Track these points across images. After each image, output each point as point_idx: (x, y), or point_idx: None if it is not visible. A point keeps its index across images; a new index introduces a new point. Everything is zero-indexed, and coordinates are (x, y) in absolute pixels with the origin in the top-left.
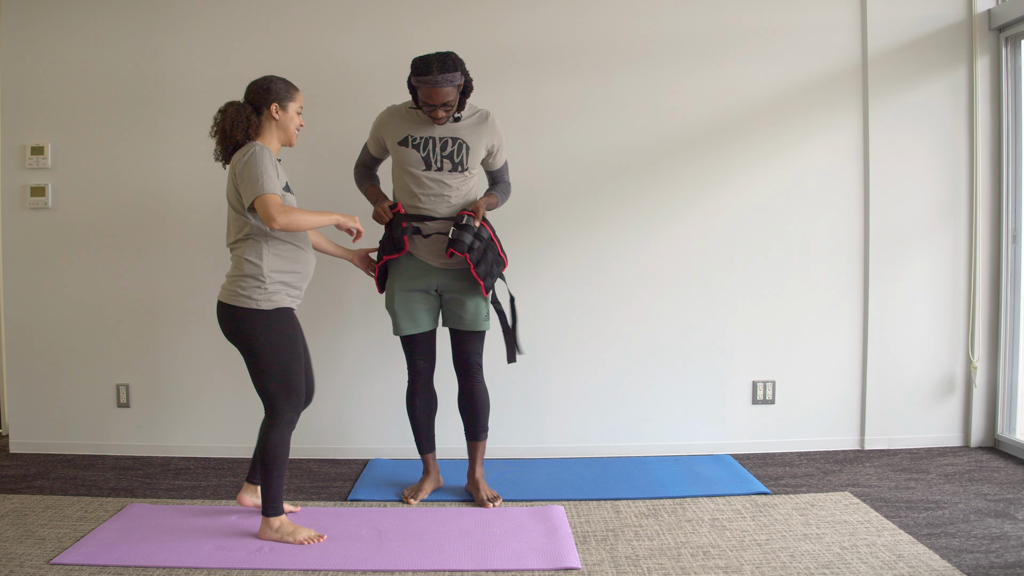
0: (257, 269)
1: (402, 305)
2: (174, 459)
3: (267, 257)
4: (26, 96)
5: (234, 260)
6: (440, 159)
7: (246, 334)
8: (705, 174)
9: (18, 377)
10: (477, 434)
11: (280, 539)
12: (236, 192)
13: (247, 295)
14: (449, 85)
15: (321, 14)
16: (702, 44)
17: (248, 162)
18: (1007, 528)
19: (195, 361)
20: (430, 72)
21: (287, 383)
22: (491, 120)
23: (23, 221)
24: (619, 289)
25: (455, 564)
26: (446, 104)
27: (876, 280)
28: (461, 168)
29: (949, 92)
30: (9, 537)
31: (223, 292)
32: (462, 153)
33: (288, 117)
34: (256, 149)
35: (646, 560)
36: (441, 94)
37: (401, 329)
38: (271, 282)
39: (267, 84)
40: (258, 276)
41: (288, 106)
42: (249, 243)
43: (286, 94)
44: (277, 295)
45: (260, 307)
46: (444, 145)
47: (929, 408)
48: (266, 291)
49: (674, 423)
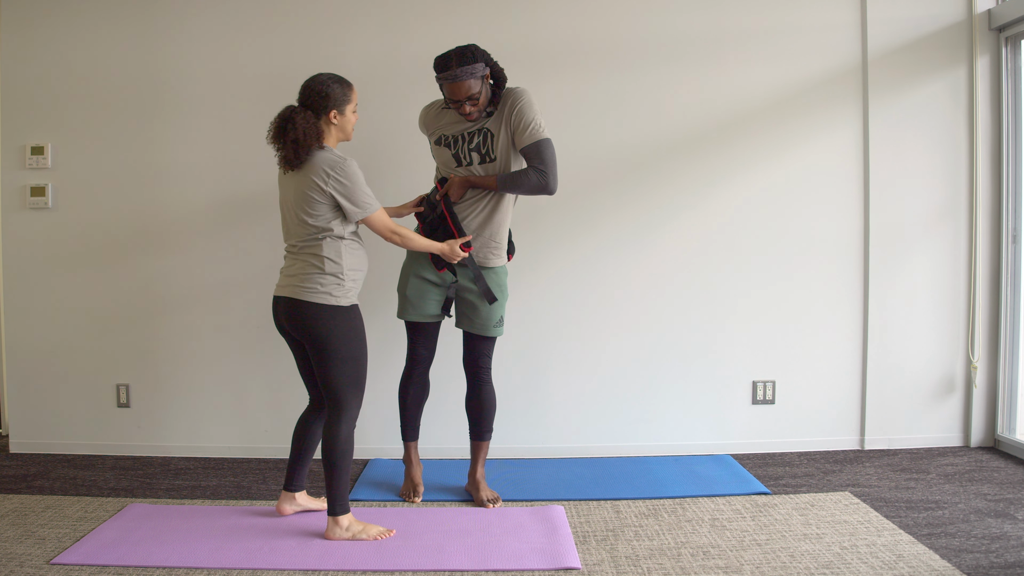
0: (338, 267)
1: (413, 290)
2: (174, 459)
3: (346, 255)
4: (26, 96)
5: (305, 258)
6: (468, 153)
7: (324, 330)
8: (705, 174)
9: (18, 377)
10: (481, 434)
11: (352, 537)
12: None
13: (327, 291)
14: (470, 78)
15: (322, 14)
16: (702, 44)
17: (350, 179)
18: (1007, 528)
19: (195, 361)
20: (449, 67)
21: (357, 378)
22: (514, 97)
23: (23, 221)
24: (619, 289)
25: (455, 564)
26: (471, 98)
27: (876, 280)
28: (489, 158)
29: (949, 92)
30: (9, 537)
31: (294, 289)
32: (488, 143)
33: (346, 120)
34: (350, 165)
35: (646, 560)
36: (463, 88)
37: (407, 314)
38: (349, 279)
39: (325, 91)
40: (338, 274)
41: (345, 109)
42: (327, 242)
43: (343, 98)
44: (352, 292)
45: (339, 303)
46: (471, 138)
47: (929, 408)
48: (344, 288)
49: (674, 423)
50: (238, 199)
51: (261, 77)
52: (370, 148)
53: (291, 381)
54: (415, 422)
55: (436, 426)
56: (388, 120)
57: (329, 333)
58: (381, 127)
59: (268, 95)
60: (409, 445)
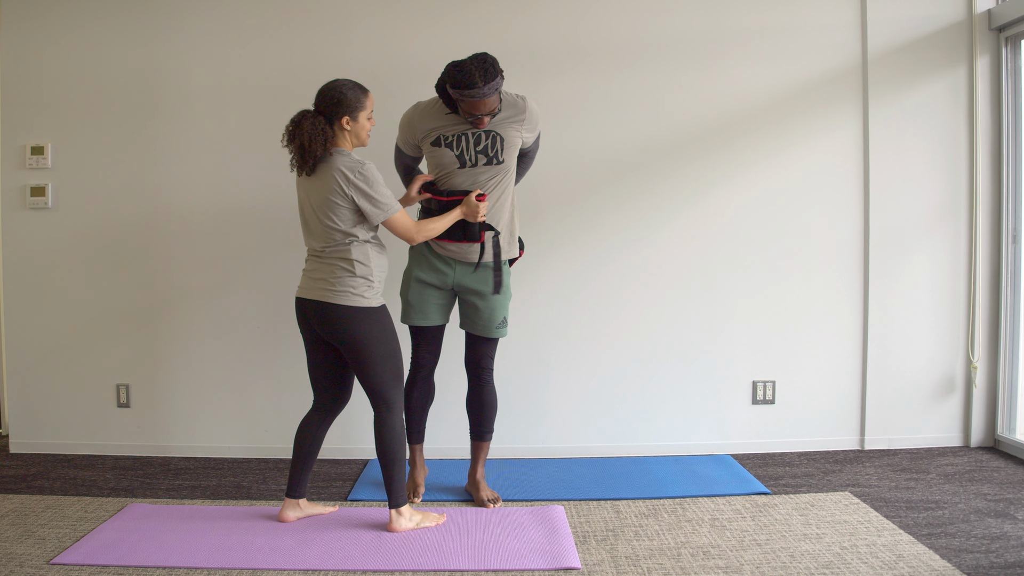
0: (367, 270)
1: (416, 295)
2: (174, 459)
3: (373, 257)
4: (26, 96)
5: (333, 262)
6: (475, 155)
7: (360, 331)
8: (705, 174)
9: (18, 377)
10: (482, 435)
11: (416, 526)
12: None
13: (359, 294)
14: (495, 93)
15: (322, 15)
16: (702, 44)
17: (368, 183)
18: (1007, 528)
19: (195, 361)
20: (474, 85)
21: (397, 374)
22: (529, 109)
23: (23, 221)
24: (619, 289)
25: (455, 564)
26: (492, 111)
27: (876, 280)
28: (496, 161)
29: (949, 92)
30: (9, 537)
31: (325, 293)
32: (496, 146)
33: (359, 126)
34: (368, 169)
35: (646, 560)
36: (488, 104)
37: (411, 319)
38: (377, 280)
39: (338, 96)
40: (368, 276)
41: (359, 116)
42: (355, 246)
43: (356, 104)
44: (379, 291)
45: (371, 304)
46: (478, 140)
47: (929, 408)
48: (373, 289)
49: (674, 423)
50: (238, 199)
51: (261, 77)
52: (370, 148)
53: (291, 381)
54: (420, 425)
55: (436, 426)
56: (390, 120)
57: (365, 334)
58: (381, 127)
59: (268, 95)
60: (414, 448)
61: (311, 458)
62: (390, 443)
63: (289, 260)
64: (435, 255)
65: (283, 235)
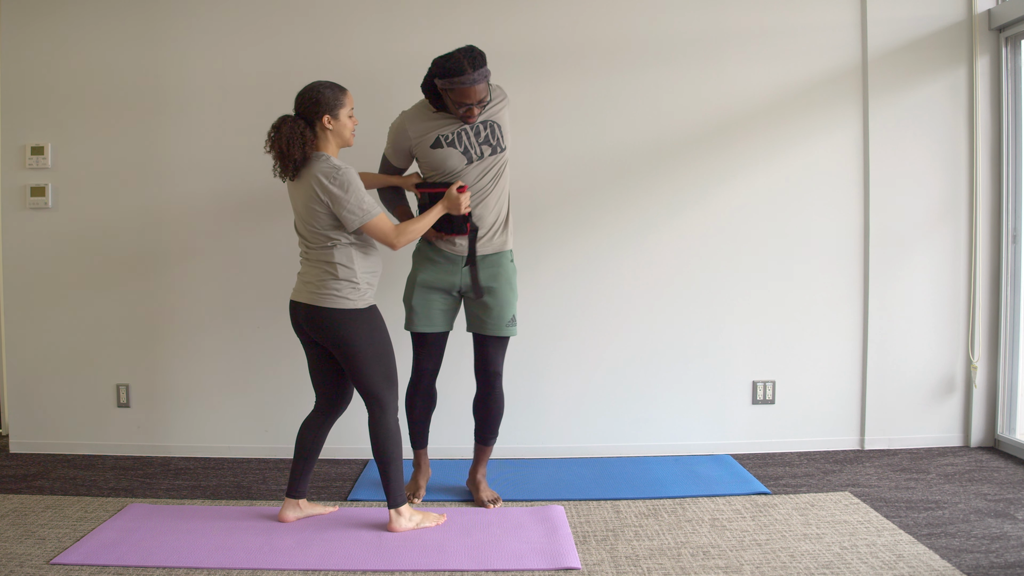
0: (351, 272)
1: (420, 301)
2: (174, 459)
3: (358, 259)
4: (26, 96)
5: (318, 265)
6: (479, 147)
7: (347, 333)
8: (705, 174)
9: (18, 377)
10: (487, 439)
11: (416, 527)
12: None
13: (343, 296)
14: (484, 81)
15: (322, 15)
16: (702, 44)
17: (342, 188)
18: (1007, 528)
19: (195, 361)
20: (463, 72)
21: (388, 373)
22: (501, 90)
23: (23, 221)
24: (619, 289)
25: (455, 564)
26: (481, 100)
27: (876, 280)
28: (500, 148)
29: (949, 92)
30: (9, 537)
31: (311, 295)
32: (497, 133)
33: (341, 124)
34: (344, 174)
35: (646, 560)
36: (477, 91)
37: (415, 325)
38: (363, 283)
39: (315, 96)
40: (352, 278)
41: (339, 113)
42: (339, 248)
43: (335, 102)
44: (367, 293)
45: (356, 306)
46: (477, 132)
47: (929, 408)
48: (359, 291)
49: (674, 423)
50: (238, 199)
51: (261, 77)
52: (371, 149)
53: (292, 380)
54: (423, 431)
55: (436, 426)
56: (389, 120)
57: (352, 336)
58: (382, 127)
59: (268, 95)
60: (418, 453)
61: (312, 458)
62: (385, 443)
63: (289, 260)
64: (440, 254)
65: (283, 235)
